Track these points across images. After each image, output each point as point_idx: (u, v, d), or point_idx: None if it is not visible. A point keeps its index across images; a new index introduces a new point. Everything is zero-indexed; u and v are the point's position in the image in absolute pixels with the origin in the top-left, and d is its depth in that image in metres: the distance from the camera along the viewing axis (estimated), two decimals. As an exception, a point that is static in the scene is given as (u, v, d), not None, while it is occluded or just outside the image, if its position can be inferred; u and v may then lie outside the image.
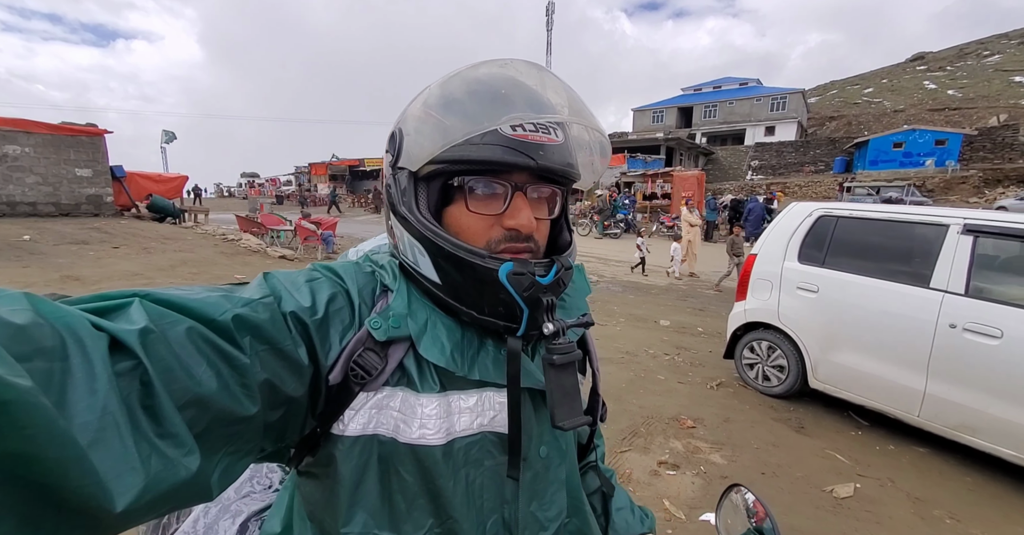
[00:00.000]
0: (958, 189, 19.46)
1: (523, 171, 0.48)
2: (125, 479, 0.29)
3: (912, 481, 2.42)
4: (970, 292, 2.48)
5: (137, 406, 0.31)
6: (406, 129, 0.51)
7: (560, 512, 0.58)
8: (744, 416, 3.10)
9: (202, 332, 0.37)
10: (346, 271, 0.51)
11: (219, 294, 0.42)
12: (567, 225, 0.59)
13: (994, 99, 40.01)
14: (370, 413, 0.47)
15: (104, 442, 0.28)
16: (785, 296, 3.29)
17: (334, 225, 10.06)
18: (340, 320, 0.47)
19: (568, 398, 0.48)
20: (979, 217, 2.60)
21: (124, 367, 0.32)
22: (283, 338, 0.42)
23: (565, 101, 0.51)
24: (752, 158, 30.28)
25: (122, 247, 7.47)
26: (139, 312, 0.35)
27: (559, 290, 0.50)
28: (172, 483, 0.32)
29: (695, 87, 43.76)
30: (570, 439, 0.61)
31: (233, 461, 0.39)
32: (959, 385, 2.46)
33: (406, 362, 0.49)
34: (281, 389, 0.41)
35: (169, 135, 16.38)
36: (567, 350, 0.48)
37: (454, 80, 0.50)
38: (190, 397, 0.34)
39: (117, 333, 0.32)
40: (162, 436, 0.32)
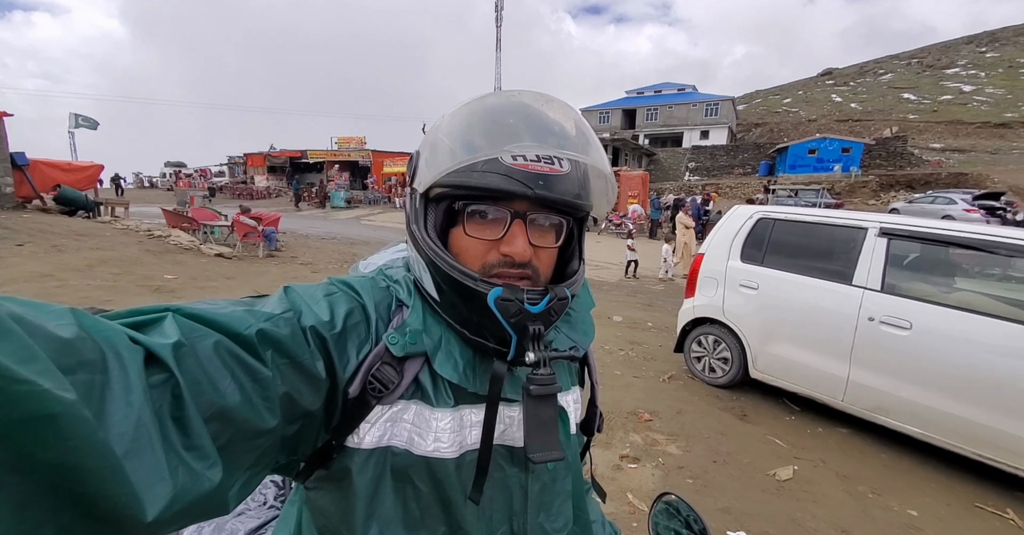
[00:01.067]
0: (860, 193, 21.93)
1: (523, 200, 0.49)
2: (156, 489, 0.30)
3: (839, 460, 2.71)
4: (885, 288, 2.81)
5: (168, 418, 0.32)
6: (421, 152, 0.53)
7: (567, 523, 0.60)
8: (694, 407, 3.30)
9: (228, 346, 0.38)
10: (362, 286, 0.53)
11: (243, 309, 0.43)
12: (579, 254, 0.59)
13: (888, 113, 45.46)
14: (385, 426, 0.49)
15: (138, 453, 0.29)
16: (729, 293, 3.54)
17: (276, 220, 9.43)
18: (357, 335, 0.48)
19: (543, 430, 0.49)
20: (893, 221, 2.94)
21: (157, 379, 0.33)
22: (303, 352, 0.43)
23: (572, 133, 0.52)
24: (689, 160, 32.19)
25: (27, 245, 6.51)
26: (172, 326, 0.36)
27: (549, 320, 0.51)
28: (196, 495, 0.32)
29: (638, 90, 45.69)
30: (576, 451, 0.63)
31: (252, 474, 0.39)
32: (876, 372, 2.77)
33: (421, 377, 0.50)
34: (299, 402, 0.42)
35: (82, 120, 14.39)
36: (547, 382, 0.49)
37: (466, 108, 0.52)
38: (215, 410, 0.35)
39: (152, 346, 0.33)
40: (189, 448, 0.33)
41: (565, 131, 0.51)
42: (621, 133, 35.85)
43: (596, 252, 11.67)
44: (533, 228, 0.51)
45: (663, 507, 0.83)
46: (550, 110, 0.53)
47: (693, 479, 2.46)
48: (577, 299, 0.65)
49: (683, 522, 0.79)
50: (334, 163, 28.81)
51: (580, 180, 0.53)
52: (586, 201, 0.53)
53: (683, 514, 0.80)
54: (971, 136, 36.92)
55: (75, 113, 14.75)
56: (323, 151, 30.45)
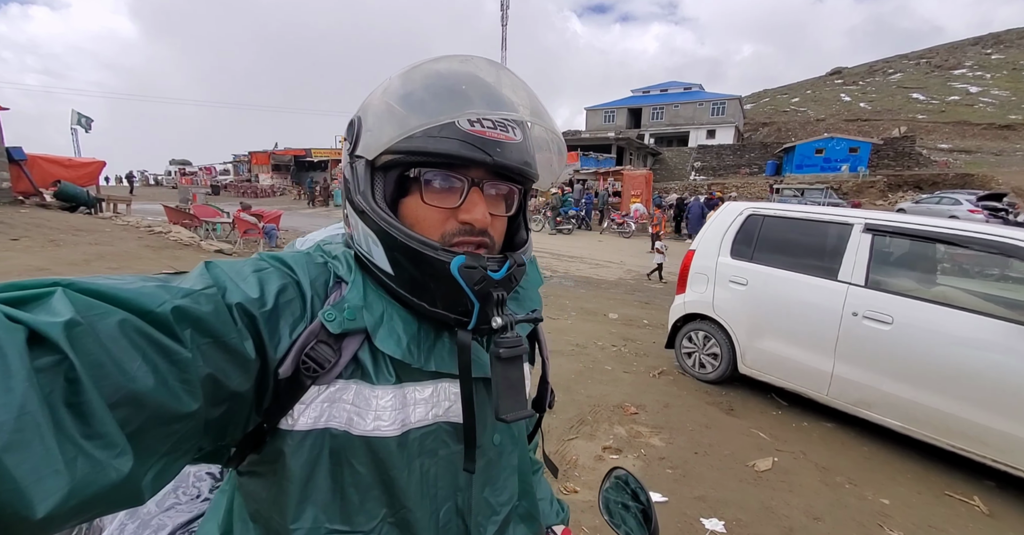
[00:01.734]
0: (867, 193, 21.76)
1: (480, 167, 0.48)
2: (46, 483, 0.27)
3: (820, 452, 2.73)
4: (869, 284, 2.81)
5: (61, 405, 0.30)
6: (365, 118, 0.51)
7: (512, 496, 0.60)
8: (682, 401, 3.32)
9: (137, 325, 0.35)
10: (296, 261, 0.50)
11: (155, 284, 0.39)
12: (525, 223, 0.60)
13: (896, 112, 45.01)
14: (322, 407, 0.47)
15: (22, 444, 0.27)
16: (719, 289, 3.55)
17: (277, 218, 9.50)
18: (291, 312, 0.46)
19: (513, 391, 0.49)
20: (877, 218, 2.95)
21: (45, 362, 0.30)
22: (228, 331, 0.40)
23: (524, 101, 0.52)
24: (695, 159, 32.05)
25: (23, 239, 6.62)
26: (63, 302, 0.32)
27: (511, 286, 0.51)
28: (101, 486, 0.30)
29: (644, 89, 45.49)
30: (522, 426, 0.64)
31: (169, 462, 0.37)
32: (859, 366, 2.78)
33: (360, 354, 0.48)
34: (225, 384, 0.40)
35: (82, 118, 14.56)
36: (514, 344, 0.48)
37: (415, 72, 0.50)
38: (123, 394, 0.32)
39: (37, 326, 0.30)
40: (90, 437, 0.30)
41: (518, 98, 0.51)
42: (626, 132, 35.75)
43: (597, 251, 11.68)
44: (488, 196, 0.50)
45: (613, 482, 0.85)
46: (503, 76, 0.52)
47: (672, 469, 2.48)
48: (525, 276, 0.65)
49: (631, 494, 0.82)
50: (338, 161, 28.96)
51: (529, 150, 0.52)
52: (535, 170, 0.53)
53: (631, 486, 0.82)
54: (977, 137, 36.59)
55: (78, 111, 14.94)
56: (327, 149, 30.63)
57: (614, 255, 11.00)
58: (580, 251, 11.47)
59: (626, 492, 0.83)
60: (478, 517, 0.56)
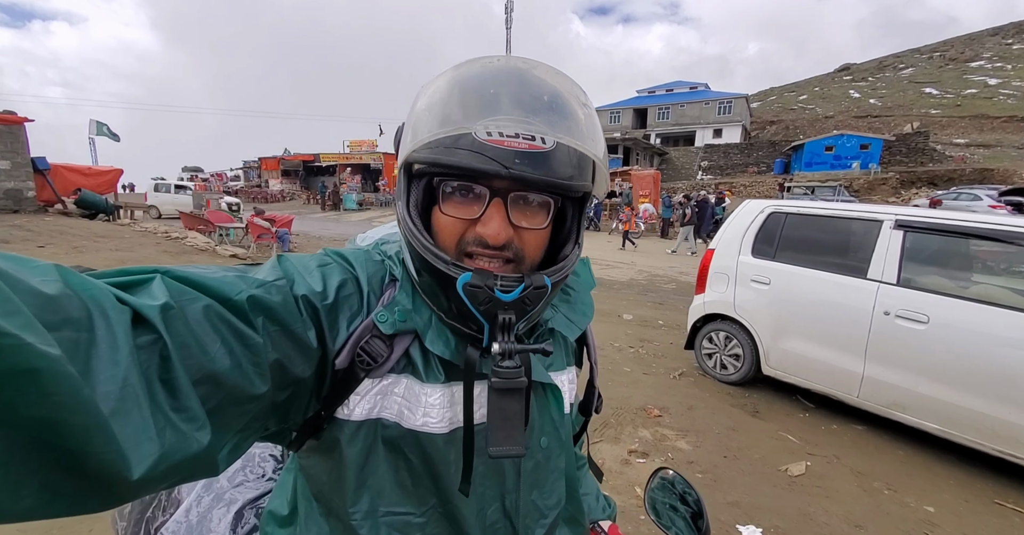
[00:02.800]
0: (879, 190, 21.41)
1: (501, 178, 0.44)
2: (142, 448, 0.30)
3: (854, 457, 2.65)
4: (901, 282, 2.74)
5: (155, 379, 0.32)
6: (407, 124, 0.50)
7: (559, 500, 0.60)
8: (705, 404, 3.26)
9: (218, 311, 0.38)
10: (357, 258, 0.52)
11: (235, 274, 0.42)
12: (576, 237, 0.54)
13: (908, 108, 44.33)
14: (375, 399, 0.49)
15: (124, 412, 0.29)
16: (740, 288, 3.49)
17: (289, 222, 9.59)
18: (349, 306, 0.48)
19: (506, 424, 0.46)
20: (909, 213, 2.87)
21: (145, 341, 0.32)
22: (294, 320, 0.43)
23: (559, 107, 0.46)
24: (702, 159, 31.83)
25: (48, 246, 6.74)
26: (160, 288, 0.35)
27: (524, 309, 0.47)
28: (184, 455, 0.32)
29: (649, 89, 45.34)
30: (569, 430, 0.62)
31: (242, 438, 0.40)
32: (892, 367, 2.71)
33: (412, 351, 0.50)
34: (290, 370, 0.42)
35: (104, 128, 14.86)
36: (511, 376, 0.46)
37: (441, 79, 0.48)
38: (205, 373, 0.35)
39: (140, 307, 0.33)
40: (177, 410, 0.33)
41: (549, 103, 0.46)
42: (632, 132, 35.62)
43: (607, 251, 11.61)
44: (516, 208, 0.47)
45: (659, 482, 0.83)
46: (538, 78, 0.48)
47: (703, 474, 2.43)
48: (577, 278, 0.64)
49: (678, 496, 0.79)
50: (346, 166, 29.20)
51: (571, 157, 0.46)
52: (577, 181, 0.47)
53: (678, 488, 0.80)
54: (997, 130, 35.82)
55: (97, 120, 15.22)
56: (335, 154, 30.90)
57: (624, 256, 10.94)
58: (589, 252, 11.38)
59: (674, 493, 0.80)
60: (526, 520, 0.56)
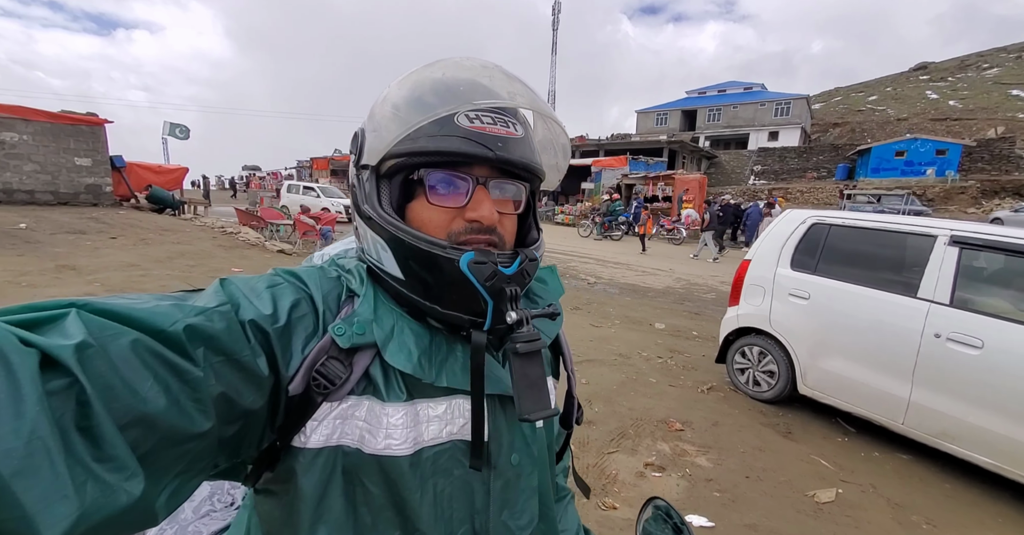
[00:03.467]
0: (957, 199, 19.55)
1: (483, 164, 0.47)
2: (55, 509, 0.27)
3: (894, 487, 2.46)
4: (955, 303, 2.52)
5: (72, 428, 0.29)
6: (367, 127, 0.51)
7: (532, 519, 0.57)
8: (733, 420, 3.13)
9: (149, 345, 0.34)
10: (310, 276, 0.49)
11: (169, 303, 0.39)
12: (535, 222, 0.58)
13: (992, 111, 40.11)
14: (334, 424, 0.45)
15: (31, 470, 0.26)
16: (777, 302, 3.32)
17: (333, 220, 10.08)
18: (304, 328, 0.45)
19: (534, 388, 0.46)
20: (965, 229, 2.64)
21: (57, 386, 0.29)
22: (241, 348, 0.40)
23: (524, 95, 0.50)
24: (755, 163, 30.34)
25: (119, 238, 7.48)
26: (76, 325, 0.32)
27: (524, 281, 0.50)
28: (112, 510, 0.29)
29: (699, 90, 43.79)
30: (543, 445, 0.59)
31: (183, 482, 0.37)
32: (942, 393, 2.49)
33: (372, 370, 0.47)
34: (238, 402, 0.39)
35: (178, 129, 16.26)
36: (531, 338, 0.46)
37: (412, 77, 0.50)
38: (134, 416, 0.32)
39: (49, 349, 0.30)
40: (100, 460, 0.30)
41: (518, 92, 0.50)
42: (679, 135, 34.55)
43: (644, 258, 11.35)
44: (496, 194, 0.50)
45: (652, 512, 0.81)
46: (499, 73, 0.51)
47: (721, 493, 2.34)
48: (545, 287, 0.63)
49: (672, 528, 0.78)
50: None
51: (532, 146, 0.51)
52: (539, 166, 0.52)
53: (673, 519, 0.78)
54: (1099, 136, 31.70)
55: (170, 122, 16.65)
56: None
57: (663, 262, 10.63)
58: (627, 257, 11.18)
59: (668, 525, 0.78)
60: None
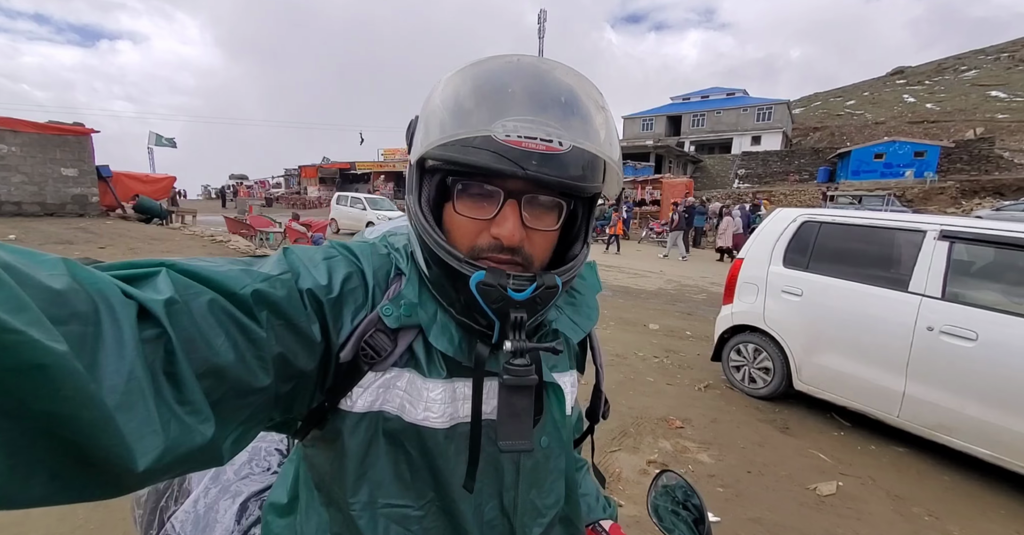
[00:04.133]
0: (936, 200, 20.00)
1: (518, 179, 0.45)
2: (147, 441, 0.30)
3: (892, 480, 2.49)
4: (946, 296, 2.57)
5: (160, 373, 0.33)
6: (420, 119, 0.50)
7: (558, 500, 0.60)
8: (731, 417, 3.15)
9: (223, 304, 0.38)
10: (362, 251, 0.52)
11: (240, 268, 0.42)
12: (584, 237, 0.54)
13: (971, 112, 41.30)
14: (378, 392, 0.49)
15: (130, 405, 0.30)
16: (770, 299, 3.36)
17: (324, 227, 10.00)
18: (354, 300, 0.48)
19: (514, 420, 0.48)
20: (954, 223, 2.70)
21: (150, 335, 0.33)
22: (298, 314, 0.43)
23: (577, 108, 0.47)
24: (739, 167, 30.82)
25: (108, 247, 7.33)
26: (166, 282, 0.36)
27: (535, 308, 0.48)
28: (189, 448, 0.33)
29: (683, 96, 44.49)
30: (571, 431, 0.62)
31: (246, 430, 0.40)
32: (936, 386, 2.54)
33: (415, 346, 0.50)
34: (293, 363, 0.43)
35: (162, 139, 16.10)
36: (522, 374, 0.46)
37: (463, 73, 0.48)
38: (209, 367, 0.36)
39: (145, 301, 0.33)
40: (182, 403, 0.33)
41: (567, 105, 0.46)
42: (665, 140, 35.01)
43: (635, 260, 11.43)
44: (529, 208, 0.48)
45: (663, 485, 0.82)
46: (556, 78, 0.48)
47: (724, 488, 2.34)
48: (583, 281, 0.64)
49: (680, 500, 0.79)
50: (380, 174, 30.13)
51: (584, 159, 0.46)
52: (590, 182, 0.48)
53: (682, 491, 0.79)
54: (1073, 136, 32.76)
55: (155, 132, 16.49)
56: (370, 162, 31.95)
57: (653, 264, 10.73)
58: (618, 260, 11.26)
59: (676, 497, 0.79)
60: (524, 518, 0.56)
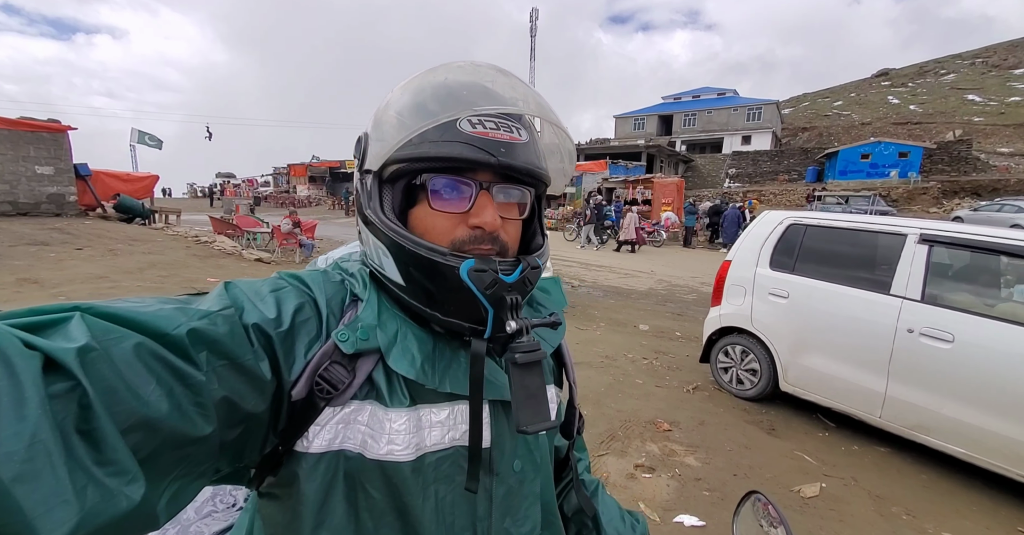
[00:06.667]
0: (919, 200, 20.43)
1: (486, 169, 0.47)
2: (55, 514, 0.26)
3: (873, 480, 2.53)
4: (926, 298, 2.62)
5: (72, 432, 0.29)
6: (370, 132, 0.51)
7: (534, 527, 0.57)
8: (718, 419, 3.17)
9: (152, 348, 0.34)
10: (314, 280, 0.50)
11: (173, 307, 0.39)
12: (540, 228, 0.58)
13: (950, 115, 42.30)
14: (336, 428, 0.45)
15: (32, 475, 0.26)
16: (758, 301, 3.40)
17: (313, 227, 9.89)
18: (307, 332, 0.45)
19: (533, 400, 0.45)
20: (934, 227, 2.75)
21: (59, 389, 0.29)
22: (243, 352, 0.40)
23: (528, 99, 0.51)
24: (730, 166, 31.15)
25: (86, 249, 7.15)
26: (79, 328, 0.32)
27: (525, 289, 0.49)
28: (112, 515, 0.29)
29: (675, 96, 44.87)
30: (545, 452, 0.59)
31: (184, 485, 0.37)
32: (916, 387, 2.58)
33: (375, 375, 0.47)
34: (240, 406, 0.39)
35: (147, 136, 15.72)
36: (531, 348, 0.45)
37: (415, 81, 0.50)
38: (136, 419, 0.32)
39: (52, 352, 0.30)
40: (101, 464, 0.29)
41: (520, 97, 0.51)
42: (656, 139, 35.25)
43: (627, 260, 11.49)
44: (499, 200, 0.49)
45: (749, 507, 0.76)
46: (503, 78, 0.51)
47: (710, 491, 2.36)
48: (548, 296, 0.63)
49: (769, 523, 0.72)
50: (372, 172, 29.87)
51: (537, 151, 0.51)
52: (545, 171, 0.51)
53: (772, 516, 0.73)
54: (1045, 139, 33.71)
55: (139, 129, 16.10)
56: (361, 161, 31.66)
57: (644, 264, 10.79)
58: (609, 260, 11.30)
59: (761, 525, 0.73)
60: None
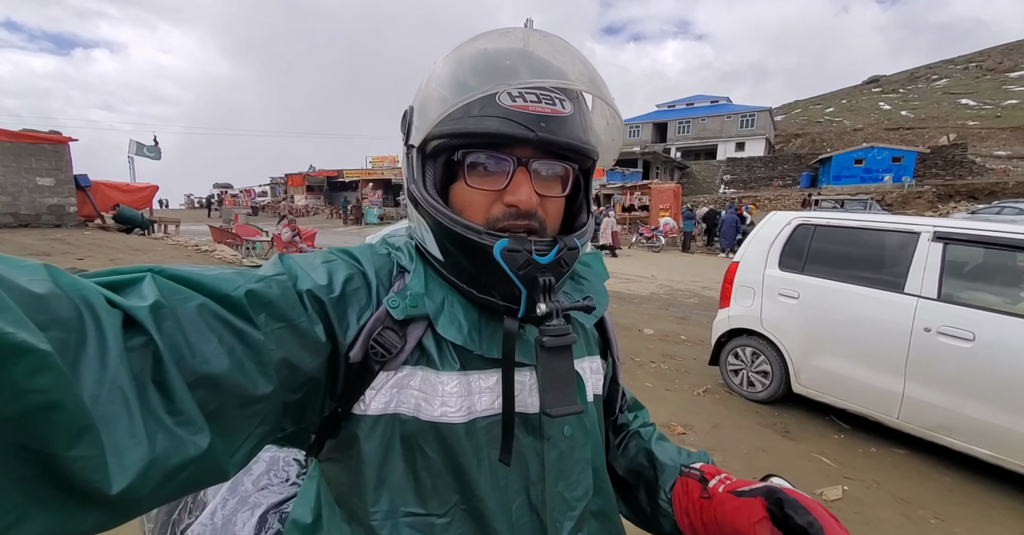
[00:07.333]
0: (914, 204, 20.58)
1: (525, 145, 0.46)
2: (130, 453, 0.28)
3: (896, 482, 2.48)
4: (942, 297, 2.59)
5: (148, 382, 0.31)
6: (414, 106, 0.51)
7: (587, 491, 0.57)
8: (732, 422, 3.13)
9: (214, 308, 0.36)
10: (362, 253, 0.52)
11: (233, 271, 0.41)
12: (587, 204, 0.55)
13: (943, 120, 42.85)
14: (391, 393, 0.47)
15: (111, 416, 0.28)
16: (767, 302, 3.37)
17: (312, 236, 9.87)
18: (357, 300, 0.47)
19: (560, 383, 0.46)
20: (948, 225, 2.74)
21: (136, 343, 0.32)
22: (298, 315, 0.42)
23: (576, 69, 0.48)
24: (724, 172, 31.39)
25: (87, 259, 7.09)
26: (151, 287, 0.34)
27: (560, 271, 0.48)
28: (180, 460, 0.31)
29: (669, 104, 45.36)
30: (595, 419, 0.59)
31: (252, 441, 0.38)
32: (935, 387, 2.54)
33: (425, 341, 0.49)
34: (299, 368, 0.41)
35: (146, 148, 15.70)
36: (560, 333, 0.46)
37: (457, 52, 0.49)
38: (201, 374, 0.34)
39: (130, 309, 0.32)
40: (172, 413, 0.32)
41: (569, 66, 0.48)
42: (651, 146, 35.53)
43: (626, 265, 11.48)
44: (537, 177, 0.48)
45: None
46: (549, 45, 0.48)
47: (730, 497, 2.30)
48: (590, 269, 0.62)
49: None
50: (368, 181, 29.94)
51: (584, 124, 0.49)
52: (590, 145, 0.49)
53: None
54: (1041, 142, 34.11)
55: (136, 140, 16.10)
56: (358, 170, 31.74)
57: (644, 269, 10.78)
58: (609, 265, 11.29)
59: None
60: (553, 513, 0.53)
